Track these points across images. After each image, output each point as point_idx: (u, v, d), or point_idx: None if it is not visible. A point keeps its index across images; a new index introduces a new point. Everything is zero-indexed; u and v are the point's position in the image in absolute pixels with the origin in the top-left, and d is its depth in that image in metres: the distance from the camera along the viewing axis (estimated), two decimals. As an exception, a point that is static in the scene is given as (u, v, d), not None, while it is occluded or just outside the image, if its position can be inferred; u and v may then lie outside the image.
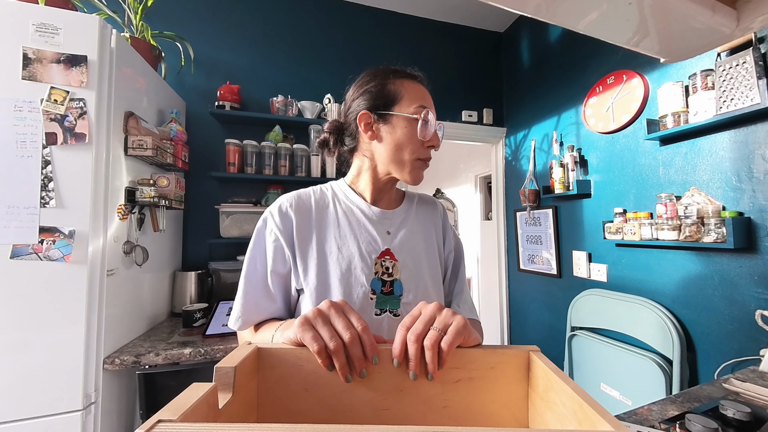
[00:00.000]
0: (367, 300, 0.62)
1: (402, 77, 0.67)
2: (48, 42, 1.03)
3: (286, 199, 0.67)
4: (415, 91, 0.66)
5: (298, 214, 0.65)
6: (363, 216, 0.68)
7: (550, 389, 0.35)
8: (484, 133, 2.50)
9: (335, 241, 0.64)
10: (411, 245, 0.69)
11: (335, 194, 0.71)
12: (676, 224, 1.29)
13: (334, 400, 0.40)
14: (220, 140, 1.86)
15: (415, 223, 0.73)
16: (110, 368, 1.11)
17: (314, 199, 0.68)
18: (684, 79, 1.35)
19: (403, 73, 0.68)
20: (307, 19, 2.16)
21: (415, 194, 0.81)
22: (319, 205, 0.68)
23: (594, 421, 0.27)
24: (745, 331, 1.17)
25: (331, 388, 0.40)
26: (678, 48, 0.53)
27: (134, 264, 1.32)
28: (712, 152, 1.28)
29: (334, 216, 0.67)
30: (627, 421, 0.67)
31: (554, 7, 0.44)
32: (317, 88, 2.10)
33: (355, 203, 0.70)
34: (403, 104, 0.64)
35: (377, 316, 0.63)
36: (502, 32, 2.60)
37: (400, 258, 0.66)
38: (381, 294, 0.63)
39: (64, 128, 1.04)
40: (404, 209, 0.74)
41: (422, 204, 0.78)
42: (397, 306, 0.64)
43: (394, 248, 0.67)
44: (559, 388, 0.33)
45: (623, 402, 1.47)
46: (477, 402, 0.41)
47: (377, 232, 0.67)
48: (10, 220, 0.98)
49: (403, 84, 0.66)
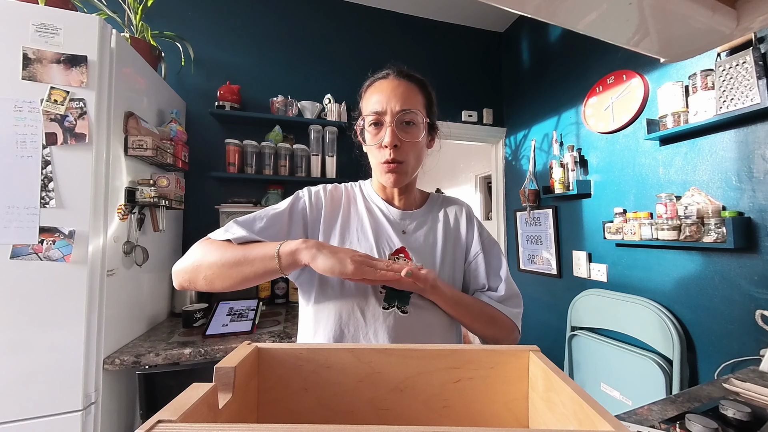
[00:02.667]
0: (376, 292, 0.64)
1: (368, 85, 0.70)
2: (48, 42, 1.03)
3: (322, 186, 0.75)
4: (370, 97, 0.67)
5: (331, 202, 0.72)
6: (382, 215, 0.72)
7: (550, 389, 0.35)
8: (484, 133, 2.50)
9: (356, 233, 0.69)
10: (427, 245, 0.71)
11: (362, 192, 0.77)
12: (676, 224, 1.29)
13: (334, 400, 0.40)
14: (220, 140, 1.86)
15: (436, 223, 0.74)
16: (110, 368, 1.11)
17: (345, 194, 0.75)
18: (684, 79, 1.35)
19: (370, 81, 0.70)
20: (307, 19, 2.16)
21: (440, 196, 0.82)
22: (349, 199, 0.75)
23: (594, 421, 0.27)
24: (745, 331, 1.17)
25: (331, 388, 0.40)
26: (678, 48, 0.53)
27: (134, 264, 1.32)
28: (712, 152, 1.28)
29: (358, 212, 0.73)
30: (627, 421, 0.67)
31: (554, 7, 0.44)
32: (317, 88, 2.10)
33: (376, 203, 0.74)
34: (364, 115, 0.68)
35: (385, 309, 0.63)
36: (502, 32, 2.60)
37: (415, 257, 0.68)
38: (391, 289, 0.64)
39: (64, 128, 1.04)
40: (425, 211, 0.76)
41: (446, 205, 0.79)
42: (406, 303, 0.64)
43: (410, 247, 0.69)
44: (560, 388, 0.33)
45: (623, 402, 1.47)
46: (477, 402, 0.41)
47: (394, 230, 0.70)
48: (10, 220, 0.98)
49: (365, 93, 0.70)
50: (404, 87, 0.66)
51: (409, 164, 0.67)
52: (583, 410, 0.29)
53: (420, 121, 0.66)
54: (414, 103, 0.66)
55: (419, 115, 0.66)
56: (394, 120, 0.63)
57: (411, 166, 0.68)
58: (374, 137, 0.66)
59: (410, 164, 0.67)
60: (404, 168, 0.66)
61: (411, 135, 0.65)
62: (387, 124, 0.64)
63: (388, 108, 0.64)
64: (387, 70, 0.69)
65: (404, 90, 0.65)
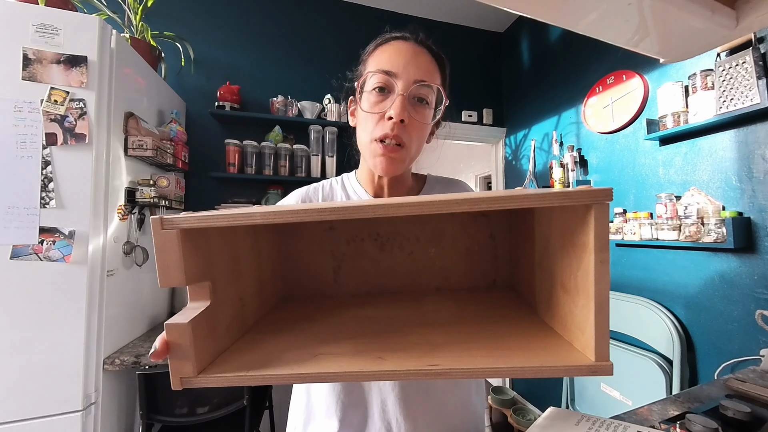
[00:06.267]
0: None
1: (380, 43, 0.56)
2: (48, 42, 1.03)
3: (305, 190, 0.65)
4: (381, 55, 0.53)
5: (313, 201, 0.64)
6: None
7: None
8: (484, 133, 2.50)
9: None
10: None
11: (344, 187, 0.66)
12: (676, 224, 1.29)
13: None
14: (220, 140, 1.86)
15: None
16: (110, 368, 1.11)
17: (321, 195, 0.65)
18: (684, 79, 1.35)
19: (383, 38, 0.56)
20: (307, 19, 2.16)
21: (438, 179, 0.69)
22: (326, 198, 0.65)
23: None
24: (745, 331, 1.17)
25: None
26: (677, 48, 0.53)
27: (134, 264, 1.32)
28: (712, 152, 1.28)
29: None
30: (627, 421, 0.67)
31: (554, 8, 0.44)
32: (317, 88, 2.10)
33: (359, 195, 0.64)
34: (369, 72, 0.54)
35: None
36: (502, 32, 2.60)
37: None
38: None
39: (64, 129, 1.04)
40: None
41: (442, 188, 0.67)
42: None
43: None
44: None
45: (623, 402, 1.47)
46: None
47: None
48: (10, 221, 0.98)
49: (374, 52, 0.55)
50: (426, 58, 0.53)
51: (410, 151, 0.54)
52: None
53: (433, 102, 0.54)
54: (433, 78, 0.54)
55: (435, 95, 0.54)
56: (408, 90, 0.51)
57: (411, 154, 0.55)
58: (376, 104, 0.52)
59: (411, 151, 0.54)
60: (404, 154, 0.53)
61: (421, 115, 0.53)
62: (397, 92, 0.50)
63: (404, 73, 0.51)
64: (406, 33, 0.55)
65: (426, 61, 0.53)
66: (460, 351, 0.29)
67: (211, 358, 0.29)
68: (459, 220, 0.49)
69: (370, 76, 0.53)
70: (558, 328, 0.32)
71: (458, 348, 0.29)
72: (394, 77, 0.51)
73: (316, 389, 0.56)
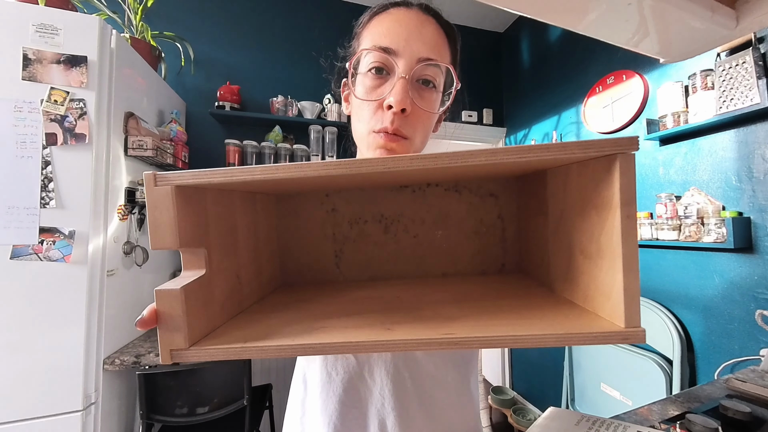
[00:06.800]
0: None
1: (377, 12, 0.45)
2: (48, 42, 1.03)
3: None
4: (378, 27, 0.43)
5: None
6: None
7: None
8: (484, 133, 2.50)
9: None
10: None
11: None
12: (676, 224, 1.29)
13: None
14: (220, 140, 1.87)
15: None
16: (110, 368, 1.11)
17: None
18: (684, 79, 1.35)
19: (380, 6, 0.45)
20: (307, 19, 2.16)
21: None
22: None
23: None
24: (745, 331, 1.17)
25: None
26: (677, 48, 0.53)
27: (134, 264, 1.32)
28: (712, 152, 1.28)
29: None
30: (627, 421, 0.67)
31: (554, 8, 0.44)
32: (317, 88, 2.10)
33: None
34: (363, 50, 0.43)
35: None
36: (502, 32, 2.60)
37: None
38: None
39: (64, 129, 1.04)
40: None
41: None
42: None
43: None
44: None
45: (623, 402, 1.47)
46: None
47: None
48: (10, 221, 0.98)
49: (369, 23, 0.45)
50: (433, 29, 0.43)
51: (413, 144, 0.44)
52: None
53: (441, 85, 0.45)
54: (442, 55, 0.43)
55: (443, 75, 0.44)
56: (411, 71, 0.40)
57: (415, 147, 0.45)
58: (372, 90, 0.42)
59: (415, 144, 0.44)
60: (407, 146, 0.43)
61: (427, 101, 0.43)
62: (398, 74, 0.40)
63: (406, 48, 0.40)
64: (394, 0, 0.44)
65: (433, 33, 0.42)
66: (476, 321, 0.27)
67: (205, 333, 0.26)
68: (466, 201, 0.47)
69: (365, 54, 0.42)
70: (579, 300, 0.30)
71: (474, 319, 0.27)
72: (393, 55, 0.40)
73: (311, 405, 0.48)
